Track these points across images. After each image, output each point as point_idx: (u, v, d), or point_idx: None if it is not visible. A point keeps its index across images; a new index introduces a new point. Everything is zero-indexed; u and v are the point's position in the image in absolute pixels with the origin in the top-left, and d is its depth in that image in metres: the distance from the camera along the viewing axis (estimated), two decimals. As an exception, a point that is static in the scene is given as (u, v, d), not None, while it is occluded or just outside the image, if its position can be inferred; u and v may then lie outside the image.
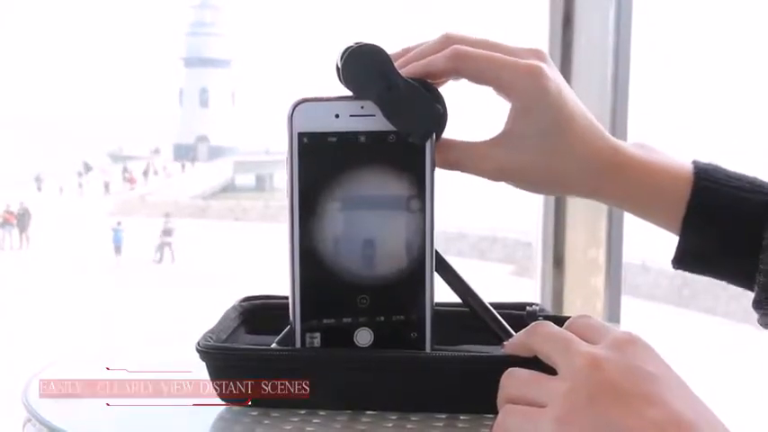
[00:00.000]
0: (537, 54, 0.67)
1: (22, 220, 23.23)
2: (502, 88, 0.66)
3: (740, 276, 0.68)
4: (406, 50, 0.68)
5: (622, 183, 0.68)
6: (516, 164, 0.66)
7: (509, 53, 0.66)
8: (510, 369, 0.55)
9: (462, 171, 0.66)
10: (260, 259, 19.40)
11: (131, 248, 21.70)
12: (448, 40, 0.67)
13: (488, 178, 0.67)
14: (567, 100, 0.66)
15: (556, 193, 0.71)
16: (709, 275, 0.70)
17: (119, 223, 22.34)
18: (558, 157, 0.66)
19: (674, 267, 0.70)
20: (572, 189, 0.70)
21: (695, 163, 0.69)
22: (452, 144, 0.67)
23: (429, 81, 0.65)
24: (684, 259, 0.69)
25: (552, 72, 0.66)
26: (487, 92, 0.67)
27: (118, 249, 21.76)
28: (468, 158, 0.66)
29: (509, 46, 0.67)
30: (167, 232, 22.15)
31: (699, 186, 0.67)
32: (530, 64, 0.65)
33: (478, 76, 0.66)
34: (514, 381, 0.54)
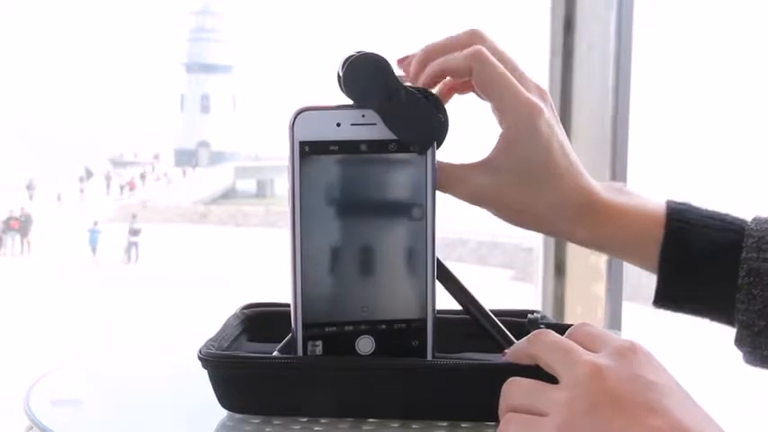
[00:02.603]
0: (541, 93, 0.67)
1: (23, 225, 23.27)
2: (499, 109, 0.66)
3: (720, 314, 0.68)
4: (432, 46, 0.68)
5: (595, 226, 0.68)
6: (492, 193, 0.67)
7: (519, 78, 0.66)
8: (511, 378, 0.55)
9: (440, 191, 0.66)
10: (242, 263, 19.54)
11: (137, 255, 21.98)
12: (473, 37, 0.67)
13: (465, 201, 0.68)
14: (554, 145, 0.66)
15: (529, 229, 0.71)
16: (690, 314, 0.70)
17: (95, 223, 22.57)
18: (532, 193, 0.67)
19: (654, 306, 0.70)
20: (545, 227, 0.70)
21: (668, 203, 0.69)
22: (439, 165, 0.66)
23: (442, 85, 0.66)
24: (663, 300, 0.69)
25: (549, 114, 0.67)
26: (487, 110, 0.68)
27: (93, 250, 22.11)
28: (447, 180, 0.66)
29: (522, 71, 0.67)
30: (134, 232, 22.37)
31: (671, 228, 0.68)
32: (532, 100, 0.66)
33: (484, 88, 0.66)
34: (516, 389, 0.54)
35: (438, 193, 0.65)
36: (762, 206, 0.84)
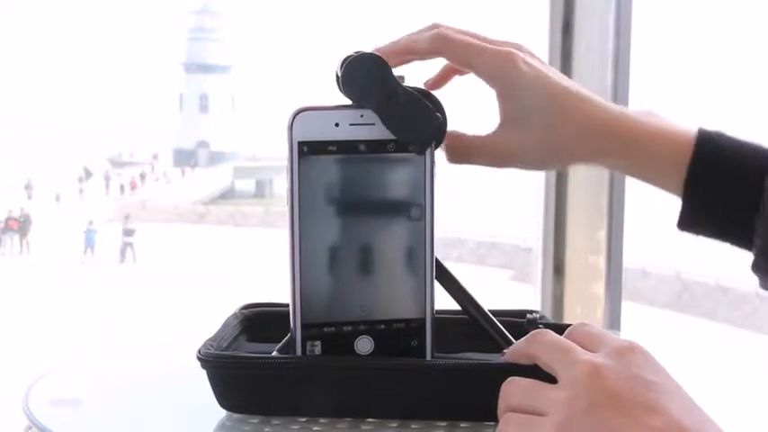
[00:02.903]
0: (514, 45, 0.70)
1: (23, 226, 23.28)
2: (479, 73, 0.69)
3: (741, 239, 0.69)
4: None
5: (622, 147, 0.70)
6: (517, 148, 0.70)
7: (488, 42, 0.69)
8: (510, 377, 0.55)
9: (472, 163, 0.69)
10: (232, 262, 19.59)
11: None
12: (434, 27, 0.70)
13: (498, 166, 0.71)
14: (549, 80, 0.69)
15: (559, 167, 0.74)
16: (712, 238, 0.71)
17: (91, 223, 22.82)
18: (555, 133, 0.69)
19: (678, 229, 0.71)
20: (575, 159, 0.73)
21: (699, 129, 0.70)
22: (462, 137, 0.69)
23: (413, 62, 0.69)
24: (687, 222, 0.70)
25: (528, 57, 0.69)
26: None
27: (91, 249, 22.36)
28: (476, 151, 0.69)
29: (490, 38, 0.70)
30: (128, 233, 22.54)
31: (700, 152, 0.69)
32: (502, 50, 0.68)
33: (457, 59, 0.69)
34: (515, 389, 0.54)
35: (436, 192, 0.65)
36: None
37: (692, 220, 0.70)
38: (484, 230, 22.13)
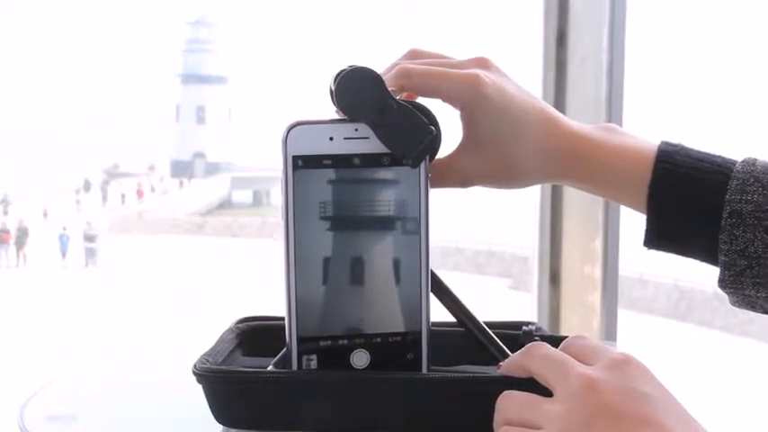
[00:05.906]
0: (479, 62, 0.69)
1: (19, 238, 23.27)
2: (445, 99, 0.68)
3: (707, 255, 0.68)
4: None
5: (583, 169, 0.69)
6: (478, 170, 0.69)
7: (453, 66, 0.68)
8: (506, 391, 0.55)
9: (438, 187, 0.68)
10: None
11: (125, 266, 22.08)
12: (409, 55, 0.70)
13: (458, 187, 0.70)
14: (511, 102, 0.68)
15: (522, 186, 0.73)
16: (679, 255, 0.71)
17: (64, 228, 23.05)
18: (513, 156, 0.68)
19: (645, 248, 0.71)
20: (536, 180, 0.72)
21: (660, 145, 0.69)
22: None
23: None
24: (653, 240, 0.70)
25: (493, 77, 0.68)
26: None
27: (63, 254, 22.67)
28: (435, 175, 0.67)
29: (455, 60, 0.69)
30: (90, 238, 22.72)
31: (659, 169, 0.68)
32: (467, 73, 0.67)
33: (422, 90, 0.68)
34: (511, 403, 0.54)
35: (431, 205, 0.65)
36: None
37: (656, 239, 0.69)
38: (481, 239, 22.13)
